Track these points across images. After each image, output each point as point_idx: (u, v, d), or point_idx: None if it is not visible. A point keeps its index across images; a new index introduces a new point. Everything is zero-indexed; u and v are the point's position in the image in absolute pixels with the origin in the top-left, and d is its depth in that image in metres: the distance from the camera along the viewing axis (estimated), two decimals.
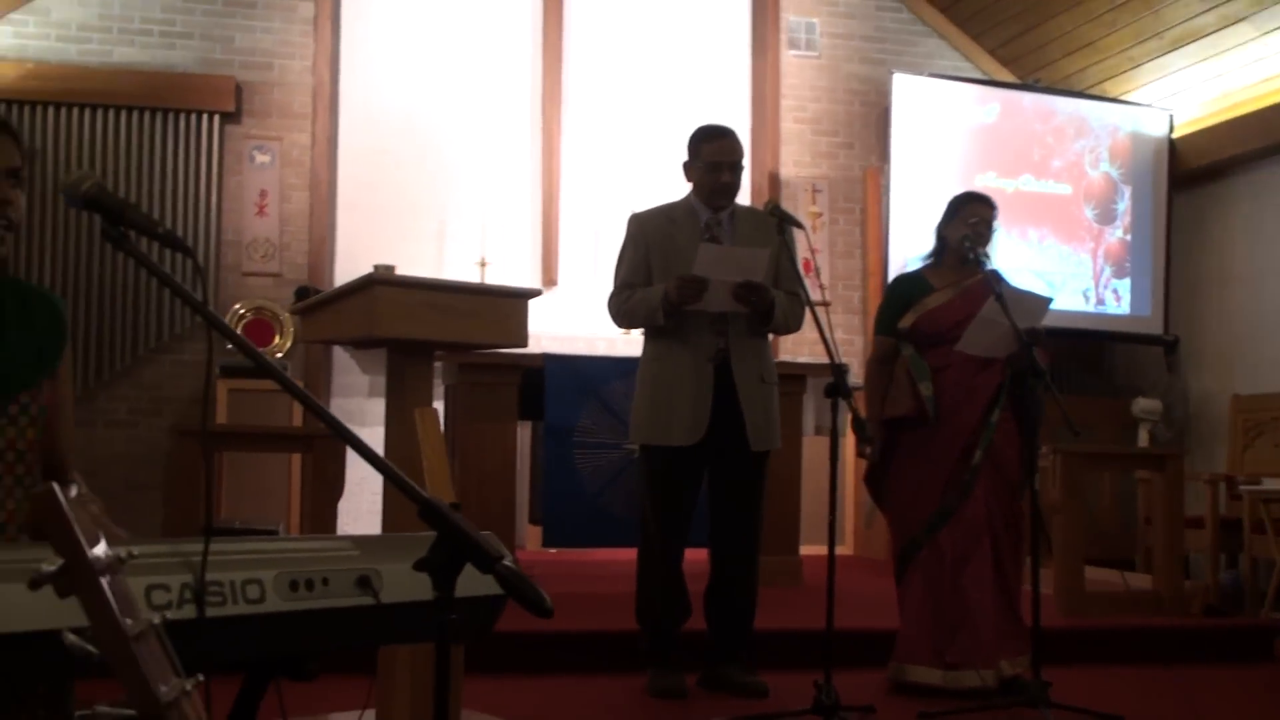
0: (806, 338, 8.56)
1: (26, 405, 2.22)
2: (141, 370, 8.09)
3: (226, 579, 1.81)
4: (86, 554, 0.89)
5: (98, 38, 8.15)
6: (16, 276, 2.37)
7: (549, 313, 8.22)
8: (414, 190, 8.57)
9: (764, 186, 8.94)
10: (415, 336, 3.58)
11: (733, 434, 4.63)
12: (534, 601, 1.62)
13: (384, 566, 1.99)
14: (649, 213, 4.90)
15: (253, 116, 8.33)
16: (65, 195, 1.97)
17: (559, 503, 6.35)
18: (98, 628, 0.88)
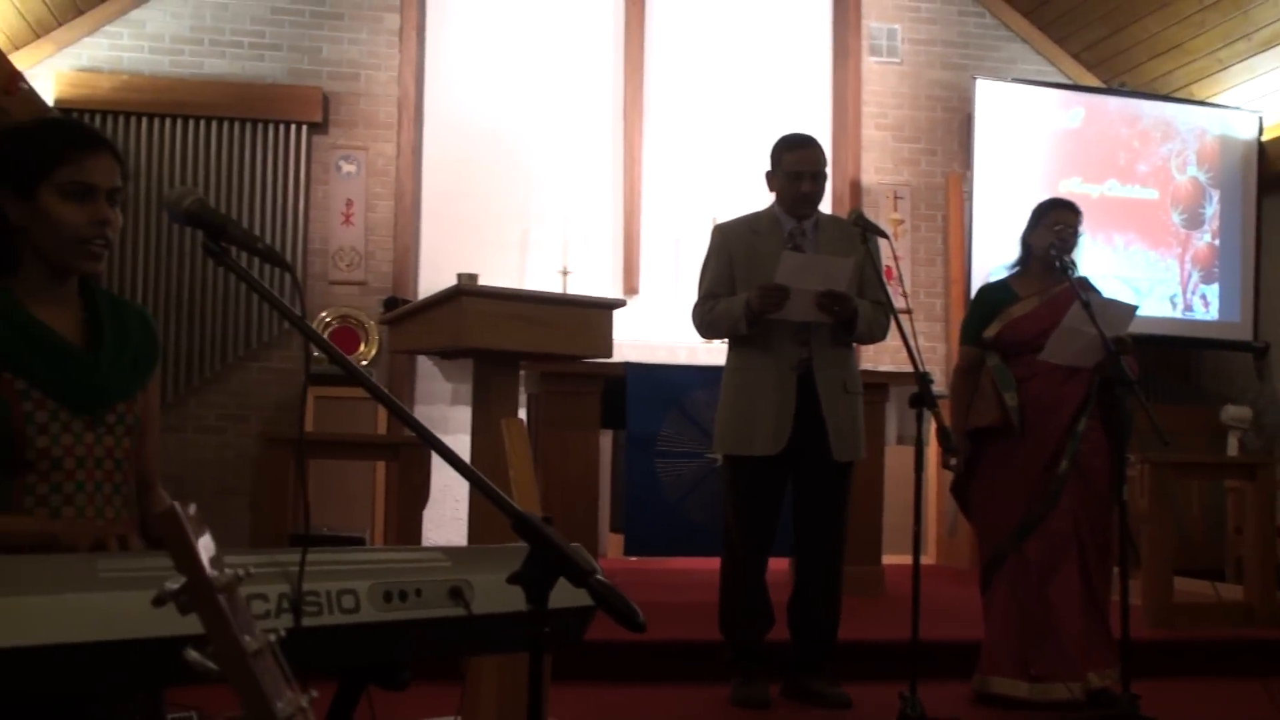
0: (889, 346, 8.50)
1: (123, 415, 2.26)
2: (230, 377, 8.22)
3: (323, 589, 1.84)
4: (206, 573, 0.92)
5: (189, 50, 8.30)
6: (109, 290, 2.42)
7: (630, 321, 8.24)
8: (497, 199, 8.64)
9: (845, 194, 8.91)
10: (501, 347, 3.62)
11: (816, 444, 4.61)
12: (627, 616, 1.63)
13: (475, 578, 2.01)
14: (732, 223, 4.91)
15: (339, 127, 8.44)
16: (168, 211, 2.01)
17: (640, 511, 6.36)
18: (217, 645, 0.90)
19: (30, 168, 2.18)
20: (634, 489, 6.37)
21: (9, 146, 2.24)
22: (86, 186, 2.18)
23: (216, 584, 0.92)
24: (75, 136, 2.22)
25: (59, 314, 2.24)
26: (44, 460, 2.13)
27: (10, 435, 2.10)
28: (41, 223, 2.17)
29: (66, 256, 2.20)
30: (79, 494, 2.17)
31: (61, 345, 2.19)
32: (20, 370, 2.13)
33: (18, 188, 2.18)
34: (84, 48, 8.19)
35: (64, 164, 2.17)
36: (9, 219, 2.19)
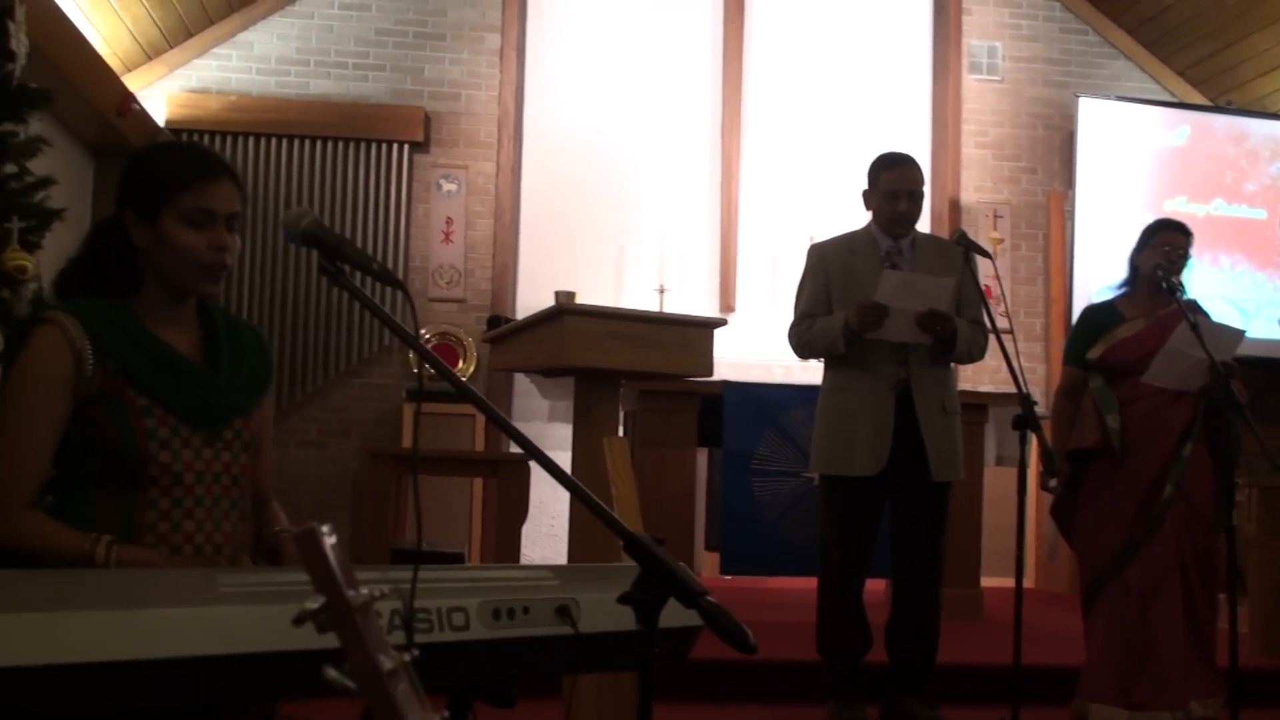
0: (988, 366, 8.43)
1: (239, 431, 2.31)
2: (331, 393, 8.34)
3: (433, 606, 1.86)
4: (344, 594, 0.94)
5: (295, 70, 8.47)
6: (225, 309, 2.48)
7: (727, 339, 8.21)
8: (595, 217, 8.69)
9: (944, 212, 8.84)
10: (603, 365, 3.63)
11: (914, 464, 4.58)
12: (737, 637, 1.64)
13: (582, 596, 2.03)
14: (828, 243, 4.89)
15: (440, 146, 8.55)
16: (285, 231, 2.05)
17: (737, 530, 6.36)
18: (354, 663, 0.93)
19: (153, 193, 2.24)
20: (731, 508, 6.37)
21: (135, 170, 2.30)
22: (206, 213, 2.23)
23: (353, 604, 0.95)
24: (197, 163, 2.27)
25: (178, 333, 2.30)
26: (165, 475, 2.18)
27: (133, 451, 2.16)
28: (162, 246, 2.23)
29: (185, 279, 2.26)
30: (198, 508, 2.22)
31: (181, 363, 2.24)
32: (142, 387, 2.19)
33: (141, 211, 2.24)
34: (194, 69, 8.39)
35: (185, 190, 2.22)
36: (132, 240, 2.26)
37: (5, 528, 2.11)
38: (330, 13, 8.56)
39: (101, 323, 2.20)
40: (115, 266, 2.28)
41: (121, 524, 2.16)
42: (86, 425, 2.17)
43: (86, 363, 2.16)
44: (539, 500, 8.03)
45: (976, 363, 4.92)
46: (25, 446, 2.14)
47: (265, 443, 2.44)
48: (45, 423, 2.15)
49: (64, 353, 2.15)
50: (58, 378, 2.15)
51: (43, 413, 2.15)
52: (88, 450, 2.17)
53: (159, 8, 7.74)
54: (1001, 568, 7.36)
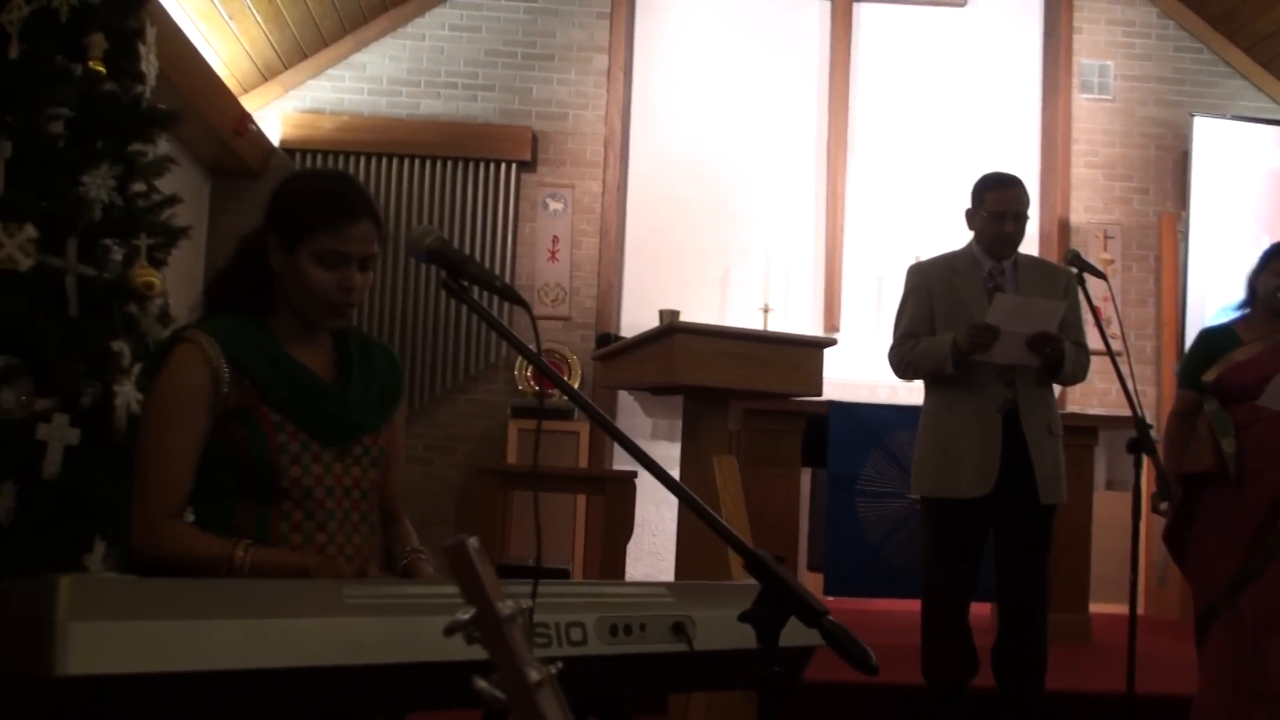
0: (1097, 389, 8.33)
1: (369, 447, 2.37)
2: (438, 409, 8.45)
3: (552, 621, 1.89)
4: (494, 606, 0.97)
5: (406, 91, 8.61)
6: (358, 328, 2.54)
7: (831, 359, 8.16)
8: (700, 236, 8.72)
9: (1054, 233, 8.75)
10: (712, 384, 3.66)
11: (1021, 487, 4.53)
12: (860, 658, 1.64)
13: (697, 614, 2.05)
14: (930, 262, 4.86)
15: (547, 165, 8.64)
16: (409, 248, 2.10)
17: (840, 551, 6.32)
18: (503, 674, 0.95)
19: (294, 227, 2.29)
20: (835, 529, 6.34)
21: (282, 199, 2.36)
22: (341, 255, 2.28)
23: (502, 615, 0.98)
24: (340, 204, 2.31)
25: (312, 351, 2.37)
26: (297, 489, 2.25)
27: (267, 465, 2.22)
28: (295, 277, 2.29)
29: (312, 314, 2.32)
30: (329, 521, 2.28)
31: (313, 381, 2.31)
32: (276, 404, 2.25)
33: (281, 239, 2.30)
34: (308, 90, 8.56)
35: (324, 231, 2.27)
36: (271, 264, 2.32)
37: (152, 538, 2.18)
38: (441, 34, 8.70)
39: (238, 341, 2.27)
40: (257, 283, 2.35)
41: (257, 535, 2.23)
42: (223, 440, 2.24)
43: (223, 380, 2.23)
44: (641, 518, 8.04)
45: (1085, 385, 4.87)
46: (168, 461, 2.21)
47: (395, 458, 2.49)
48: (186, 438, 2.22)
49: (202, 370, 2.23)
50: (197, 394, 2.22)
51: (184, 428, 2.22)
52: (224, 464, 2.24)
53: (275, 30, 7.92)
54: (1109, 594, 7.25)
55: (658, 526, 8.25)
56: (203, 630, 1.61)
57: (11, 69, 3.42)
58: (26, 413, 3.31)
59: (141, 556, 2.19)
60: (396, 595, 1.82)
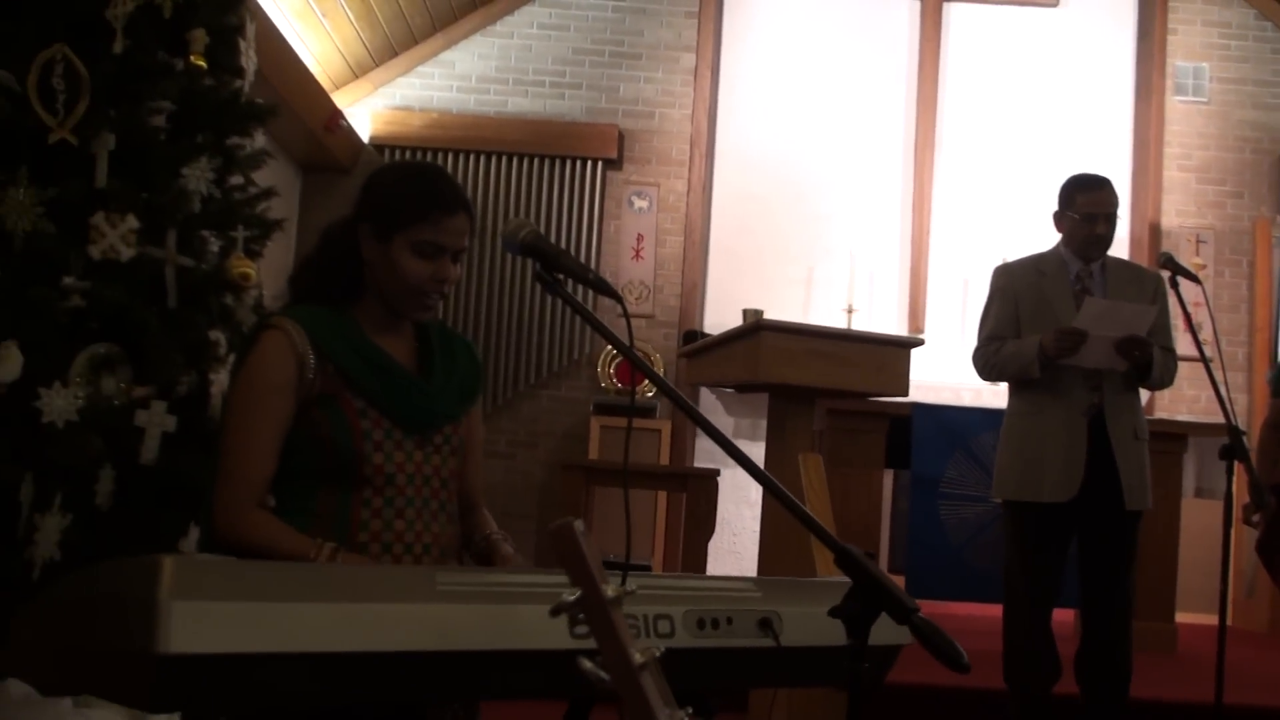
0: (1185, 395, 8.20)
1: (449, 436, 2.38)
2: (521, 405, 8.51)
3: (640, 613, 1.89)
4: (600, 588, 0.99)
5: (495, 89, 8.68)
6: (440, 321, 2.57)
7: (915, 361, 8.13)
8: (784, 236, 8.70)
9: (1144, 237, 8.62)
10: (798, 382, 3.66)
11: (1106, 492, 4.47)
12: (951, 656, 1.62)
13: (784, 609, 2.04)
14: (1016, 264, 4.80)
15: (633, 163, 8.67)
16: (504, 241, 2.12)
17: (922, 553, 6.29)
18: (607, 656, 0.97)
19: (391, 217, 2.30)
20: (917, 531, 6.30)
21: (378, 188, 2.38)
22: (437, 247, 2.30)
23: (607, 598, 0.99)
24: (438, 197, 2.32)
25: (395, 341, 2.38)
26: (379, 476, 2.26)
27: (350, 452, 2.24)
28: (388, 266, 2.31)
29: (401, 304, 2.34)
30: (409, 508, 2.29)
31: (397, 370, 2.32)
32: (359, 391, 2.27)
33: (376, 228, 2.32)
34: (398, 87, 8.66)
35: (423, 222, 2.29)
36: (361, 251, 2.34)
37: (233, 525, 2.19)
38: (529, 32, 8.75)
39: (324, 329, 2.28)
40: (343, 272, 2.37)
41: (338, 520, 2.24)
42: (307, 426, 2.25)
43: (309, 367, 2.24)
44: (721, 518, 8.01)
45: (1172, 391, 4.80)
46: (252, 447, 2.23)
47: (474, 449, 2.51)
48: (270, 424, 2.23)
49: (287, 357, 2.24)
50: (282, 381, 2.24)
51: (269, 415, 2.23)
52: (307, 449, 2.26)
53: (367, 28, 8.02)
54: (1195, 604, 7.14)
55: (738, 525, 8.24)
56: (300, 613, 1.63)
57: (116, 64, 3.48)
58: (126, 400, 3.38)
59: (222, 542, 2.21)
60: (488, 583, 1.83)
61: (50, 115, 3.35)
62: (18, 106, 3.32)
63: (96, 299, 3.34)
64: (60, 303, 3.30)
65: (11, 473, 3.15)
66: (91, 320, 3.38)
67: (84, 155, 3.42)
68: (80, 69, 3.38)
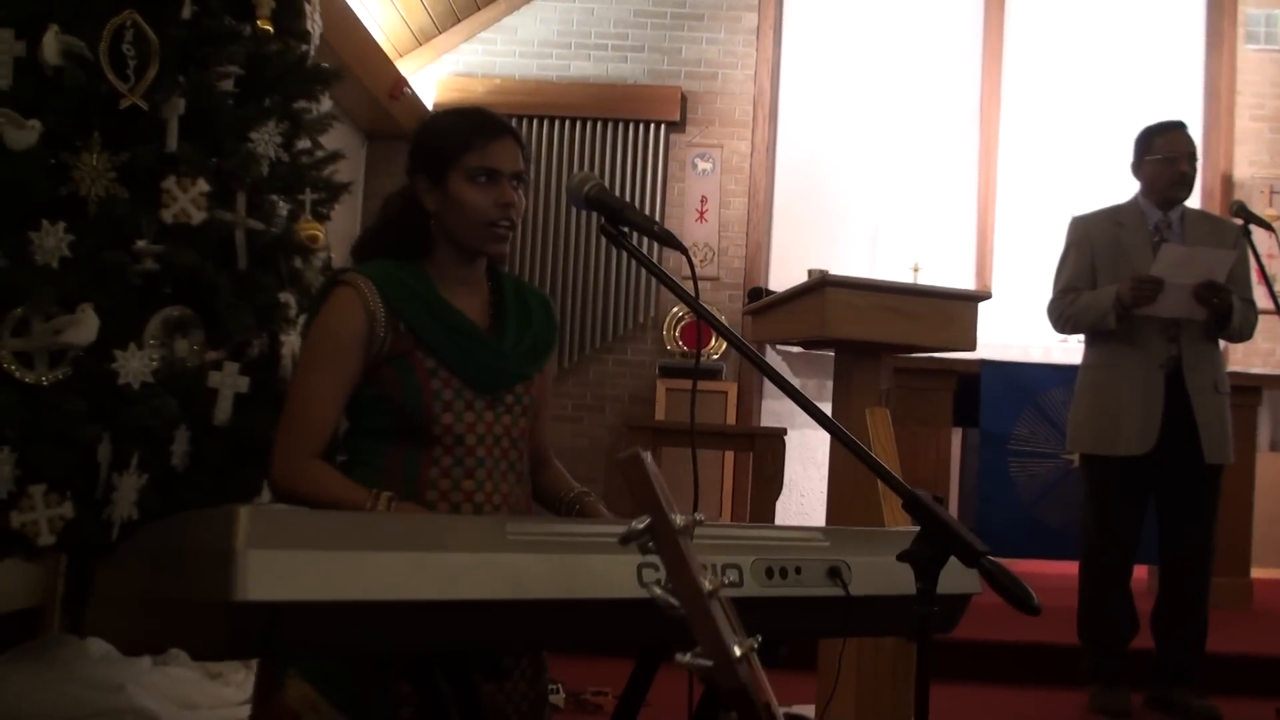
0: (1260, 348, 8.07)
1: (520, 396, 2.36)
2: (587, 368, 8.51)
3: (708, 562, 1.86)
4: (669, 517, 0.98)
5: (557, 53, 8.65)
6: (515, 275, 2.55)
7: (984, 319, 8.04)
8: (848, 195, 8.63)
9: (1216, 188, 8.47)
10: (865, 338, 3.62)
11: (1184, 445, 4.42)
12: (1021, 598, 1.61)
13: (853, 559, 2.02)
14: (1093, 215, 4.75)
15: (696, 125, 8.61)
16: (570, 195, 2.11)
17: (993, 511, 6.24)
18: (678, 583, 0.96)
19: (440, 156, 2.31)
20: (987, 489, 6.26)
21: (422, 138, 2.38)
22: (491, 171, 2.28)
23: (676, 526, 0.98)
24: (481, 125, 2.32)
25: (468, 296, 2.37)
26: (448, 435, 2.25)
27: (419, 411, 2.23)
28: (452, 207, 2.30)
29: (474, 239, 2.31)
30: (479, 469, 2.28)
31: (469, 328, 2.31)
32: (431, 350, 2.26)
33: (430, 175, 2.32)
34: (461, 54, 8.66)
35: (470, 150, 2.28)
36: (424, 205, 2.34)
37: (292, 476, 2.19)
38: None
39: (395, 285, 2.27)
40: (408, 233, 2.36)
41: (407, 478, 2.24)
42: (377, 383, 2.25)
43: (379, 324, 2.23)
44: (789, 478, 8.02)
45: (1247, 344, 4.73)
46: (315, 400, 2.23)
47: (544, 406, 2.50)
48: (336, 379, 2.23)
49: (359, 313, 2.23)
50: (351, 337, 2.23)
51: (335, 369, 2.23)
52: (377, 407, 2.26)
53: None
54: (1270, 558, 7.03)
55: (805, 487, 8.22)
56: (372, 561, 1.64)
57: (184, 29, 3.50)
58: (199, 361, 3.41)
59: (279, 491, 2.21)
60: (559, 533, 1.83)
61: (121, 81, 3.38)
62: (90, 73, 3.35)
63: (169, 262, 3.37)
64: (133, 266, 3.33)
65: (90, 433, 3.19)
66: (164, 284, 3.42)
67: (155, 120, 3.45)
68: (150, 35, 3.40)
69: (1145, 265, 4.39)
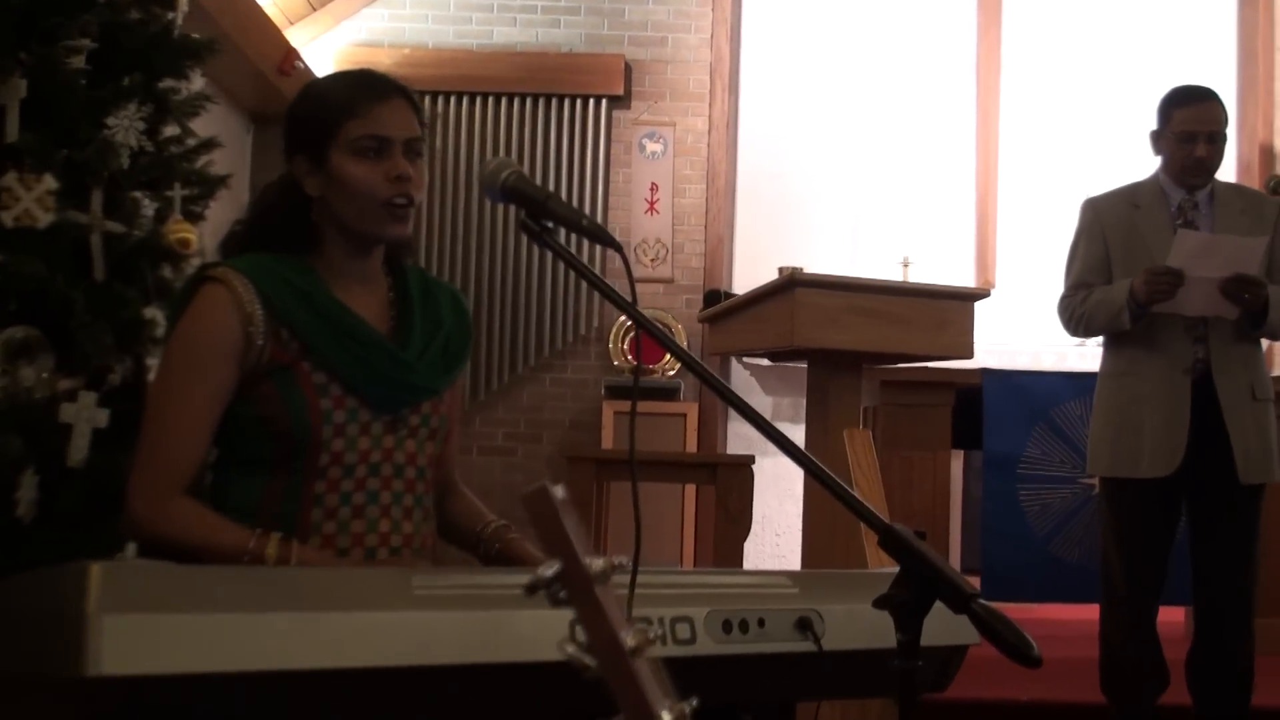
0: None
1: (428, 416, 2.34)
2: (520, 390, 8.49)
3: (655, 615, 1.87)
4: (582, 561, 0.99)
5: (477, 18, 8.63)
6: (419, 266, 2.52)
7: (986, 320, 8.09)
8: (824, 179, 8.66)
9: (1254, 160, 8.58)
10: (841, 346, 3.65)
11: (1217, 463, 4.45)
12: (1019, 648, 1.62)
13: (826, 607, 2.04)
14: (1106, 197, 4.78)
15: (643, 100, 8.62)
16: (483, 185, 2.09)
17: (1001, 548, 6.27)
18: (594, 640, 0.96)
19: (317, 129, 2.27)
20: (993, 521, 6.29)
21: (296, 110, 2.36)
22: (379, 139, 2.25)
23: (592, 572, 0.99)
24: (362, 85, 2.31)
25: (364, 295, 2.33)
26: (336, 467, 2.21)
27: (306, 436, 2.19)
28: (336, 188, 2.26)
29: (366, 223, 2.27)
30: (370, 506, 2.24)
31: (366, 334, 2.27)
32: (320, 361, 2.22)
33: (309, 153, 2.28)
34: (362, 20, 8.63)
35: (352, 118, 2.25)
36: (305, 190, 2.30)
37: (154, 519, 2.15)
38: None
39: (276, 282, 2.23)
40: (289, 225, 2.32)
41: (285, 521, 2.19)
42: (254, 402, 2.20)
43: (256, 329, 2.19)
44: (762, 514, 8.03)
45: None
46: (181, 424, 2.18)
47: (454, 425, 2.47)
48: (205, 397, 2.18)
49: (231, 316, 2.18)
50: (222, 345, 2.18)
51: (203, 386, 2.18)
52: (253, 432, 2.21)
53: None
54: None
55: (781, 525, 8.24)
56: (251, 625, 1.63)
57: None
58: (49, 392, 3.38)
59: (140, 538, 2.17)
60: (476, 585, 1.83)
61: None
62: None
63: (10, 274, 3.34)
64: None
65: None
66: (6, 300, 3.39)
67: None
68: None
69: (1167, 253, 4.42)
